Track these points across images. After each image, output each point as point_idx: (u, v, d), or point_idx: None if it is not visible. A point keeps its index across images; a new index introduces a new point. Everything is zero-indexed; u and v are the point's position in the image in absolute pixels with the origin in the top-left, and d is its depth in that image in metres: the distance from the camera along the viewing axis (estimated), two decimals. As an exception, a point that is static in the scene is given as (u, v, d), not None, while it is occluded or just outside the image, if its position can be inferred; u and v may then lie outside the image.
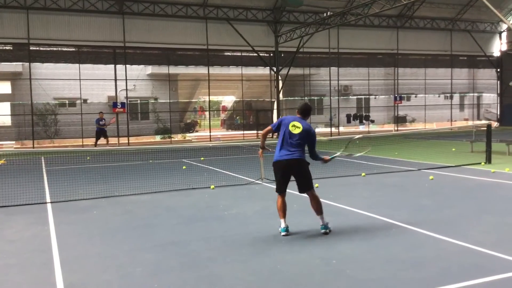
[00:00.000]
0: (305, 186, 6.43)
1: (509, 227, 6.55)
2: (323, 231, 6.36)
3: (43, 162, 16.88)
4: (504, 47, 37.05)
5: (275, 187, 6.57)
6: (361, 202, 8.34)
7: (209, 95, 29.80)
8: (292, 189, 9.74)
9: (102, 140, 23.25)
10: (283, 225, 6.35)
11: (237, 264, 5.22)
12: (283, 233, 6.30)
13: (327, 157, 6.94)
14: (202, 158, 17.74)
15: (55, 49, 25.89)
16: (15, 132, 26.63)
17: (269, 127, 6.68)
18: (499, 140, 17.26)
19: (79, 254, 5.73)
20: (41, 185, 11.41)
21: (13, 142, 26.33)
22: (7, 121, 27.56)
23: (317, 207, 6.42)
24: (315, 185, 10.06)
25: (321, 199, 8.17)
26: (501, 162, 13.40)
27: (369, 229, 6.54)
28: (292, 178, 6.50)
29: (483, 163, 13.23)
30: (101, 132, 22.94)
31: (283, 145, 6.35)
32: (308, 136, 6.39)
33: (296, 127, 6.33)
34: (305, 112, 6.57)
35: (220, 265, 5.16)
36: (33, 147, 24.22)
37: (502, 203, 8.25)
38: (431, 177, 11.03)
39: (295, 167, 6.33)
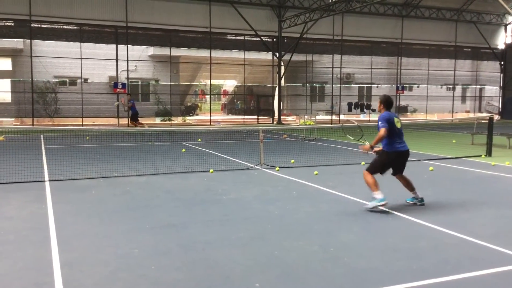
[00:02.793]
0: (403, 170, 7.27)
1: (507, 220, 6.54)
2: (419, 203, 7.23)
3: (42, 140, 16.85)
4: (509, 40, 36.85)
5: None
6: (360, 190, 8.32)
7: (210, 79, 29.67)
8: (292, 176, 9.74)
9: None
10: (381, 195, 6.79)
11: (235, 248, 5.21)
12: (382, 203, 6.75)
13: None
14: (199, 140, 17.76)
15: (56, 26, 25.71)
16: (15, 109, 26.55)
17: (386, 129, 6.81)
18: (499, 133, 17.22)
19: (76, 233, 5.72)
20: (39, 163, 11.39)
21: (13, 119, 26.27)
22: (7, 97, 27.46)
23: (409, 186, 7.29)
24: (314, 172, 10.10)
25: (320, 187, 8.17)
26: (502, 155, 13.38)
27: (368, 218, 6.53)
28: None
29: (483, 156, 13.21)
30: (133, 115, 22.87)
31: (397, 139, 6.97)
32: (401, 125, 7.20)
33: (398, 122, 7.05)
34: (391, 104, 7.14)
35: (217, 249, 5.15)
36: (33, 125, 24.16)
37: (501, 196, 8.23)
38: (431, 168, 11.01)
39: (406, 157, 7.15)
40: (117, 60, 26.35)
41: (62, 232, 5.71)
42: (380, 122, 6.87)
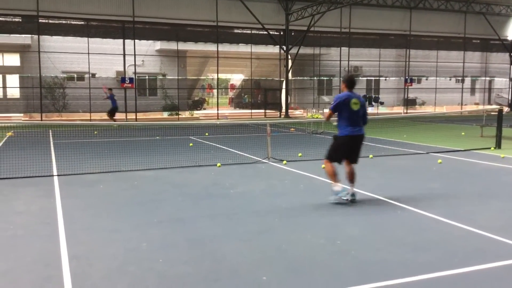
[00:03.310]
0: (357, 158, 7.06)
1: (516, 213, 6.49)
2: (350, 198, 6.88)
3: (50, 135, 16.95)
4: (519, 31, 36.38)
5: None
6: (368, 184, 8.30)
7: (217, 73, 29.64)
8: (299, 169, 9.73)
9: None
10: (339, 187, 6.79)
11: (242, 242, 5.22)
12: (342, 196, 6.77)
13: None
14: (206, 134, 17.81)
15: (64, 22, 25.78)
16: (24, 105, 26.72)
17: (330, 112, 6.99)
18: (509, 125, 17.08)
19: (85, 228, 5.76)
20: (48, 158, 11.47)
21: (22, 114, 26.46)
22: (16, 93, 27.66)
23: (353, 178, 6.97)
24: (322, 166, 10.07)
25: (327, 180, 8.14)
26: (511, 148, 13.26)
27: (375, 211, 6.51)
28: None
29: (492, 148, 13.11)
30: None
31: (350, 122, 6.80)
32: (363, 108, 6.96)
33: (356, 104, 6.80)
34: (354, 84, 6.96)
35: (224, 243, 5.17)
36: (41, 120, 24.31)
37: (510, 188, 8.17)
38: (439, 160, 10.94)
39: (360, 141, 6.93)
40: (124, 55, 26.40)
41: (71, 226, 5.76)
42: (332, 102, 6.92)
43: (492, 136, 14.37)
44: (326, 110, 7.29)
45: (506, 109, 33.73)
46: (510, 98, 37.11)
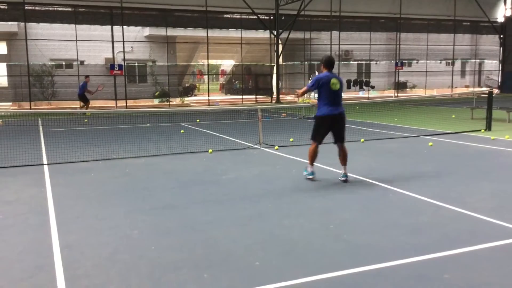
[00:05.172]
0: (342, 137, 7.25)
1: (507, 194, 6.53)
2: (342, 179, 7.13)
3: (40, 124, 16.79)
4: (509, 13, 36.39)
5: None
6: (359, 167, 8.30)
7: (207, 59, 29.39)
8: (291, 155, 9.72)
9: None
10: (310, 169, 7.24)
11: (234, 228, 5.21)
12: (310, 176, 7.21)
13: None
14: (197, 120, 17.72)
15: (51, 8, 25.37)
16: (12, 94, 26.37)
17: (305, 88, 7.43)
18: (499, 107, 17.15)
19: (76, 216, 5.71)
20: (38, 147, 11.35)
21: (10, 103, 26.12)
22: (3, 82, 27.25)
23: (344, 158, 7.25)
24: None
25: (319, 164, 8.16)
26: (501, 129, 13.34)
27: (367, 195, 6.52)
28: None
29: (483, 130, 13.17)
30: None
31: (328, 101, 7.04)
32: (342, 88, 7.19)
33: (335, 84, 7.04)
34: (332, 64, 7.24)
35: (217, 229, 5.15)
36: (30, 109, 24.04)
37: (501, 170, 8.22)
38: (430, 143, 10.98)
39: (340, 121, 7.13)
40: (112, 41, 26.05)
41: (62, 215, 5.71)
42: (310, 81, 7.16)
43: (482, 118, 14.44)
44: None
45: (496, 91, 33.89)
46: (500, 80, 37.25)
